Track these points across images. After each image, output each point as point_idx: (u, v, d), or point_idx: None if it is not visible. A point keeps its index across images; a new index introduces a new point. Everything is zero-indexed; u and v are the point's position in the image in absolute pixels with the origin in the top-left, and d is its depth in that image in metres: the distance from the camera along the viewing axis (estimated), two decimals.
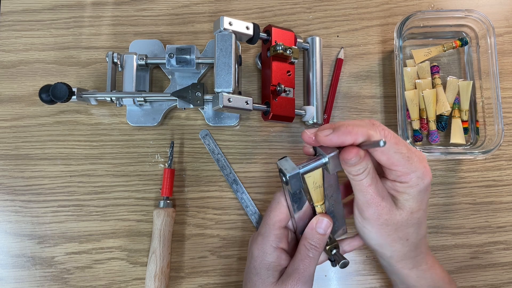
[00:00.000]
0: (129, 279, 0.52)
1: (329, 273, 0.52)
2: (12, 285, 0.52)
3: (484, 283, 0.52)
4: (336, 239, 0.43)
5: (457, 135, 0.53)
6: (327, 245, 0.42)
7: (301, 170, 0.37)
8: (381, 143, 0.31)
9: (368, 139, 0.35)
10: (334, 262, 0.42)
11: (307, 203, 0.41)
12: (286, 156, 0.38)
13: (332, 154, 0.36)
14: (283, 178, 0.37)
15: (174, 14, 0.58)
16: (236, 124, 0.54)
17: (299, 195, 0.40)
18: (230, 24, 0.48)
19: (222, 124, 0.53)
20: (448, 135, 0.54)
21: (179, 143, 0.55)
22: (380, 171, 0.39)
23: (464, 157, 0.52)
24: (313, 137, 0.37)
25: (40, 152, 0.54)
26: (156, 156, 0.54)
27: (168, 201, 0.51)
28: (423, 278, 0.42)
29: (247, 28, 0.49)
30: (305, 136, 0.38)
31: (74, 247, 0.52)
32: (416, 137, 0.54)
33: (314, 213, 0.42)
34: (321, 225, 0.40)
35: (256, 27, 0.50)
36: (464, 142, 0.53)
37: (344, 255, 0.42)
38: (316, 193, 0.39)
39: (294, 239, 0.44)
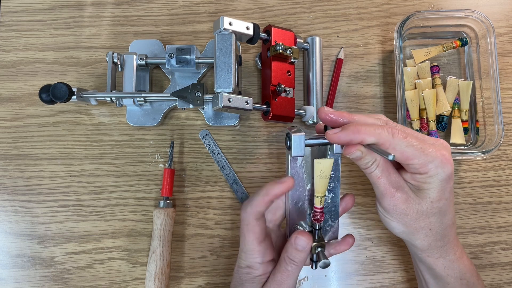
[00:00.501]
0: (129, 279, 0.52)
1: (329, 273, 0.52)
2: (12, 285, 0.52)
3: (485, 283, 0.52)
4: (325, 240, 0.42)
5: (457, 135, 0.53)
6: (313, 241, 0.41)
7: (307, 140, 0.38)
8: (390, 157, 0.33)
9: (377, 139, 0.36)
10: (315, 263, 0.41)
11: (304, 197, 0.41)
12: (297, 126, 0.39)
13: None
14: (287, 142, 0.38)
15: (174, 14, 0.58)
16: (236, 124, 0.54)
17: (299, 169, 0.40)
18: (230, 24, 0.48)
19: (222, 124, 0.53)
20: (448, 135, 0.54)
21: (179, 143, 0.55)
22: (399, 166, 0.40)
23: (464, 157, 0.52)
24: (329, 115, 0.38)
25: (40, 152, 0.54)
26: (156, 156, 0.54)
27: (168, 201, 0.51)
28: (450, 269, 0.41)
29: (247, 28, 0.49)
30: (322, 112, 0.38)
31: (74, 247, 0.52)
32: None
33: (311, 206, 0.41)
34: (299, 242, 0.39)
35: (256, 27, 0.50)
36: (464, 142, 0.53)
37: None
38: (319, 183, 0.39)
39: (282, 238, 0.43)
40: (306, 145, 0.38)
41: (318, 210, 0.40)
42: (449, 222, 0.40)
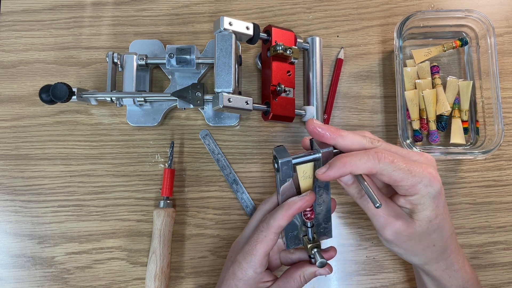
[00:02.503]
0: (129, 279, 0.52)
1: None
2: (12, 285, 0.52)
3: (484, 283, 0.52)
4: (320, 241, 0.44)
5: (457, 135, 0.53)
6: (309, 243, 0.43)
7: (294, 160, 0.38)
8: (377, 205, 0.35)
9: (364, 169, 0.36)
10: (313, 260, 0.43)
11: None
12: (282, 145, 0.40)
13: (325, 150, 0.38)
14: (275, 165, 0.38)
15: (174, 14, 0.58)
16: (236, 124, 0.54)
17: (288, 188, 0.41)
18: (230, 24, 0.48)
19: (222, 124, 0.53)
20: (448, 135, 0.54)
21: (179, 143, 0.55)
22: (391, 189, 0.40)
23: (464, 157, 0.52)
24: (318, 128, 0.38)
25: (40, 152, 0.54)
26: (156, 156, 0.54)
27: (168, 201, 0.51)
28: (455, 278, 0.42)
29: (247, 28, 0.49)
30: (311, 124, 0.38)
31: (74, 247, 0.52)
32: (416, 137, 0.54)
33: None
34: (323, 273, 0.43)
35: (256, 27, 0.50)
36: (464, 142, 0.53)
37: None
38: (304, 184, 0.40)
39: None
40: (294, 164, 0.38)
41: (308, 209, 0.41)
42: (448, 234, 0.40)
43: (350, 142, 0.38)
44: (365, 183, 0.37)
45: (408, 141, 0.49)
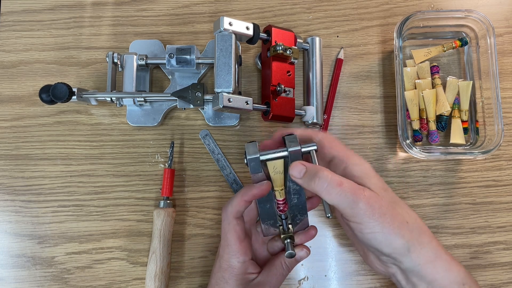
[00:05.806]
0: (129, 279, 0.52)
1: (329, 273, 0.52)
2: (12, 285, 0.52)
3: (484, 283, 0.52)
4: (295, 232, 0.46)
5: (457, 135, 0.53)
6: (283, 233, 0.46)
7: (261, 157, 0.40)
8: (328, 216, 0.39)
9: (307, 134, 0.42)
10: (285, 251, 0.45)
11: (271, 200, 0.44)
12: (255, 141, 0.41)
13: (293, 149, 0.40)
14: (245, 161, 0.40)
15: (174, 14, 0.58)
16: (236, 124, 0.54)
17: (261, 180, 0.42)
18: (230, 24, 0.48)
19: (222, 124, 0.53)
20: (448, 135, 0.54)
21: (179, 143, 0.55)
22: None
23: (464, 157, 0.52)
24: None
25: (40, 152, 0.54)
26: (156, 156, 0.54)
27: (168, 201, 0.51)
28: (450, 271, 0.39)
29: (247, 28, 0.49)
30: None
31: (74, 247, 0.52)
32: (416, 137, 0.54)
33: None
34: (303, 256, 0.45)
35: (256, 27, 0.50)
36: (464, 142, 0.53)
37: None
38: (275, 178, 0.41)
39: (258, 238, 0.47)
40: (262, 161, 0.40)
41: (281, 202, 0.43)
42: (413, 214, 0.40)
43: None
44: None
45: (408, 141, 0.49)
